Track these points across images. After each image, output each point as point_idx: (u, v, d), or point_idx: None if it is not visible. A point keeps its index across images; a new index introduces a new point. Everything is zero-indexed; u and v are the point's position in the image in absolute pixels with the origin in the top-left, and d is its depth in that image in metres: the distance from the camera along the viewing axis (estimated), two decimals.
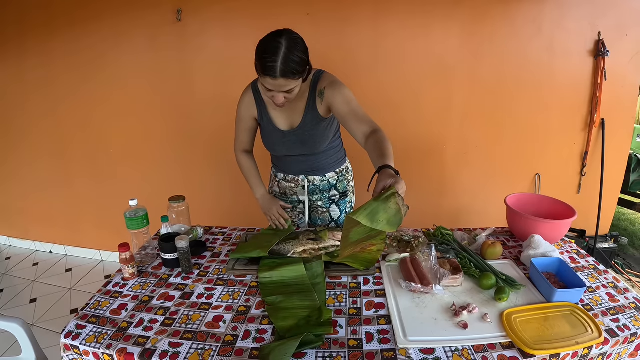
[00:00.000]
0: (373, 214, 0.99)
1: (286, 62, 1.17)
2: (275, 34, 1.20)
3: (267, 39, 1.20)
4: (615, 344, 1.04)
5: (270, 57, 1.17)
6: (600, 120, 2.49)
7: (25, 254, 3.29)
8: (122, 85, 2.61)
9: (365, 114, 1.34)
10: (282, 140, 1.53)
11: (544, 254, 1.36)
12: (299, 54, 1.20)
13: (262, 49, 1.19)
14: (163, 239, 1.39)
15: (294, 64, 1.19)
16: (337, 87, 1.37)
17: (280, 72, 1.18)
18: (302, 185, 1.69)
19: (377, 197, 1.01)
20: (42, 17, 2.55)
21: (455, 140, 2.56)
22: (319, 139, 1.52)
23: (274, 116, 1.50)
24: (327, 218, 1.77)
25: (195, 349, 1.00)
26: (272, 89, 1.24)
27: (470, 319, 1.10)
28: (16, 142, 2.99)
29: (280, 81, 1.20)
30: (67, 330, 1.07)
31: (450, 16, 2.30)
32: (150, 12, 2.41)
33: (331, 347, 1.00)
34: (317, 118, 1.46)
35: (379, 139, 1.23)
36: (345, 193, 1.75)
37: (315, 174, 1.66)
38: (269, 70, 1.18)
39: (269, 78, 1.20)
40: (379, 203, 0.99)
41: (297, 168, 1.66)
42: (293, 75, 1.21)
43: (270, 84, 1.22)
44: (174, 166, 2.78)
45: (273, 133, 1.53)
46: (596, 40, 2.34)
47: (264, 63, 1.18)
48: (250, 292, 1.25)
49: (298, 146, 1.53)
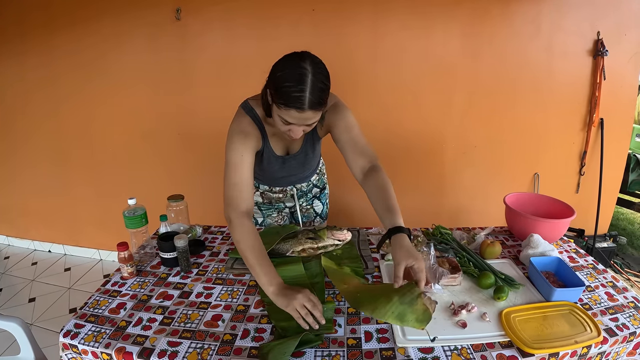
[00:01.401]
0: (401, 316, 0.97)
1: (314, 92, 1.02)
2: (298, 58, 1.05)
3: (290, 65, 1.04)
4: (614, 343, 1.04)
5: (296, 85, 1.01)
6: (599, 119, 2.49)
7: (24, 253, 3.29)
8: (122, 84, 2.61)
9: (365, 145, 1.27)
10: (282, 167, 1.44)
11: (542, 253, 1.36)
12: (325, 81, 1.06)
13: (284, 77, 1.02)
14: (162, 238, 1.39)
15: (321, 93, 1.05)
16: (340, 110, 1.27)
17: (308, 104, 1.03)
18: (291, 194, 1.67)
19: (402, 297, 1.00)
20: (43, 17, 2.55)
21: (454, 140, 2.56)
22: (316, 157, 1.51)
23: (272, 142, 1.35)
24: (312, 214, 1.78)
25: (194, 348, 1.00)
26: (295, 122, 1.08)
27: (469, 318, 1.10)
28: (17, 142, 2.98)
29: (308, 114, 1.05)
30: (65, 329, 1.07)
31: (450, 16, 2.30)
32: (150, 11, 2.41)
33: (330, 346, 1.00)
34: (316, 141, 1.42)
35: (381, 184, 1.17)
36: (324, 187, 1.78)
37: (302, 182, 1.66)
38: (296, 101, 1.02)
39: (294, 111, 1.04)
40: (405, 306, 0.98)
41: (286, 181, 1.59)
42: (320, 106, 1.06)
43: (294, 117, 1.06)
44: (173, 165, 2.78)
45: (272, 161, 1.40)
46: (595, 40, 2.34)
47: (288, 93, 1.01)
48: (249, 291, 1.25)
49: (297, 168, 1.49)
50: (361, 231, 1.65)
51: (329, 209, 1.86)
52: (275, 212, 1.73)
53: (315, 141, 1.43)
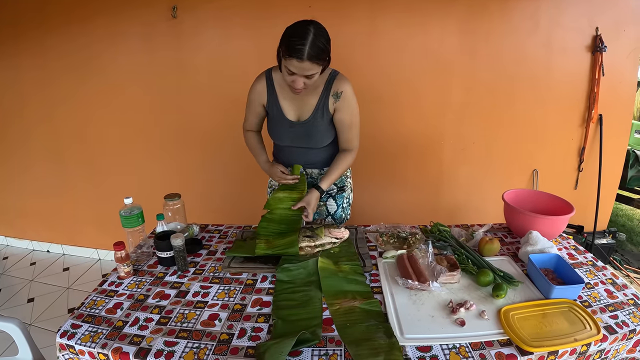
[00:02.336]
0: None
1: (313, 46, 1.23)
2: (304, 21, 1.28)
3: (296, 25, 1.27)
4: (613, 340, 1.03)
5: (299, 40, 1.23)
6: (598, 116, 2.49)
7: (22, 254, 3.28)
8: (118, 84, 2.60)
9: (354, 136, 1.58)
10: (289, 130, 1.55)
11: (541, 250, 1.36)
12: (324, 42, 1.27)
13: (290, 33, 1.26)
14: (158, 237, 1.38)
15: (319, 50, 1.25)
16: (352, 99, 1.49)
17: (307, 55, 1.23)
18: (300, 172, 1.69)
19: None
20: (37, 17, 2.53)
21: (452, 137, 2.55)
22: (325, 133, 1.55)
23: (284, 106, 1.52)
24: (324, 212, 1.77)
25: (190, 347, 0.99)
26: (296, 71, 1.28)
27: (468, 316, 1.10)
28: (14, 143, 2.97)
29: (306, 64, 1.25)
30: (62, 329, 1.07)
31: (447, 13, 2.29)
32: (145, 10, 2.39)
33: (327, 345, 1.00)
34: (326, 114, 1.50)
35: (338, 160, 1.58)
36: (342, 188, 1.76)
37: (314, 167, 1.67)
38: (297, 52, 1.23)
39: (295, 60, 1.25)
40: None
41: (297, 159, 1.65)
42: (317, 60, 1.27)
43: (295, 66, 1.26)
44: (170, 164, 2.77)
45: (281, 122, 1.55)
46: (594, 36, 2.33)
47: (292, 45, 1.23)
48: (246, 290, 1.25)
49: (303, 138, 1.56)
50: (359, 229, 1.65)
51: (348, 216, 1.83)
52: None
53: (325, 115, 1.50)
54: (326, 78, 1.46)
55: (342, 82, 1.46)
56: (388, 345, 0.98)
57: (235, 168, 2.67)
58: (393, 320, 1.08)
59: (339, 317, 1.10)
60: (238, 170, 2.66)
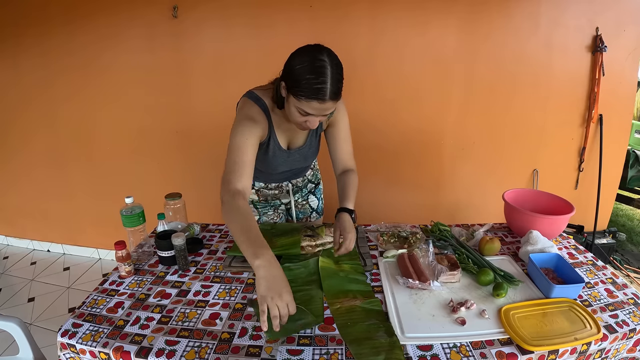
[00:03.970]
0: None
1: (334, 83, 1.07)
2: (315, 50, 1.09)
3: (308, 58, 1.08)
4: (613, 340, 1.03)
5: (318, 78, 1.05)
6: (598, 116, 2.49)
7: (23, 253, 3.28)
8: (119, 84, 2.60)
9: (351, 149, 1.45)
10: (287, 160, 1.45)
11: (542, 250, 1.36)
12: (341, 73, 1.12)
13: (303, 70, 1.07)
14: (159, 236, 1.38)
15: (340, 84, 1.11)
16: (344, 111, 1.40)
17: (330, 95, 1.08)
18: (287, 190, 1.67)
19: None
20: (38, 17, 2.53)
21: (453, 136, 2.56)
22: (316, 150, 1.52)
23: (279, 135, 1.37)
24: (308, 209, 1.78)
25: (191, 346, 0.99)
26: (316, 113, 1.12)
27: (468, 315, 1.10)
28: (16, 143, 2.97)
29: (328, 104, 1.10)
30: (63, 329, 1.07)
31: (448, 12, 2.29)
32: (147, 10, 2.40)
33: (328, 344, 1.00)
34: (319, 133, 1.47)
35: (349, 179, 1.39)
36: (318, 182, 1.78)
37: (297, 177, 1.66)
38: (318, 93, 1.06)
39: (315, 102, 1.08)
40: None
41: (283, 177, 1.60)
42: (338, 97, 1.12)
43: (315, 108, 1.10)
44: (171, 163, 2.77)
45: (278, 154, 1.41)
46: (594, 36, 2.34)
47: (310, 85, 1.06)
48: (247, 289, 1.25)
49: (300, 162, 1.50)
50: (360, 228, 1.65)
51: (324, 203, 1.86)
52: (271, 209, 1.72)
53: (319, 134, 1.47)
54: None
55: None
56: (389, 344, 0.98)
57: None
58: (394, 319, 1.08)
59: (340, 316, 1.10)
60: None
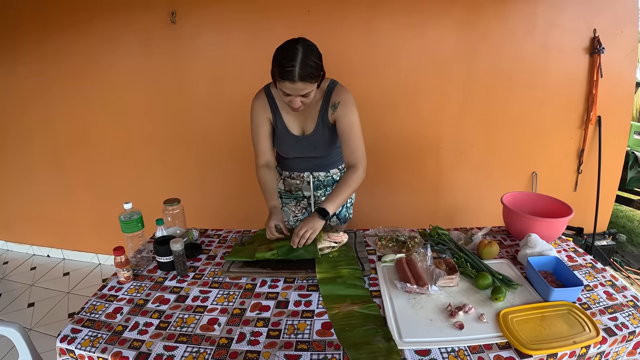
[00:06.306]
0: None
1: (303, 66, 1.24)
2: (292, 41, 1.28)
3: (284, 46, 1.27)
4: (613, 342, 1.03)
5: (288, 62, 1.23)
6: (597, 117, 2.49)
7: (22, 258, 3.28)
8: (117, 89, 2.60)
9: (358, 145, 1.48)
10: (295, 145, 1.58)
11: (540, 253, 1.36)
12: (314, 59, 1.27)
13: (280, 56, 1.26)
14: (158, 241, 1.38)
15: (310, 68, 1.26)
16: (350, 107, 1.46)
17: (298, 76, 1.24)
18: (307, 181, 1.72)
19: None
20: (36, 22, 2.54)
21: (451, 139, 2.56)
22: (330, 143, 1.58)
23: (288, 121, 1.54)
24: None
25: (190, 352, 0.99)
26: (291, 93, 1.30)
27: (466, 319, 1.10)
28: (14, 148, 2.97)
29: (298, 85, 1.26)
30: (62, 334, 1.07)
31: (445, 15, 2.29)
32: (145, 15, 2.40)
33: (326, 349, 1.00)
34: (328, 126, 1.52)
35: (346, 178, 1.46)
36: None
37: (320, 170, 1.71)
38: (288, 74, 1.24)
39: (287, 82, 1.26)
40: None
41: (303, 166, 1.70)
42: (310, 79, 1.27)
43: (288, 88, 1.28)
44: (169, 169, 2.77)
45: (286, 137, 1.56)
46: (592, 37, 2.34)
47: (283, 68, 1.24)
48: (245, 294, 1.25)
49: (310, 150, 1.59)
50: (358, 233, 1.65)
51: (350, 215, 1.87)
52: (293, 201, 1.81)
53: (327, 126, 1.52)
54: (325, 89, 1.48)
55: (340, 92, 1.46)
56: (387, 349, 0.98)
57: (235, 173, 2.67)
58: (392, 324, 1.08)
59: (338, 321, 1.10)
60: (237, 174, 2.66)
